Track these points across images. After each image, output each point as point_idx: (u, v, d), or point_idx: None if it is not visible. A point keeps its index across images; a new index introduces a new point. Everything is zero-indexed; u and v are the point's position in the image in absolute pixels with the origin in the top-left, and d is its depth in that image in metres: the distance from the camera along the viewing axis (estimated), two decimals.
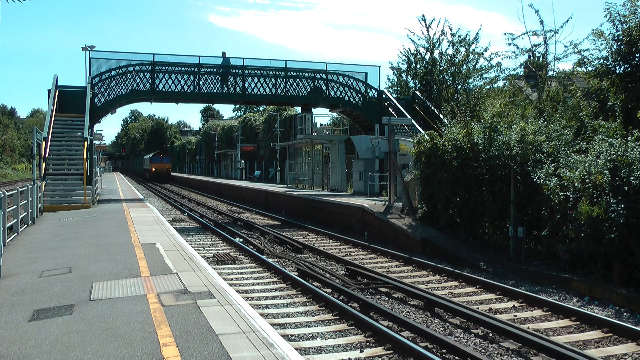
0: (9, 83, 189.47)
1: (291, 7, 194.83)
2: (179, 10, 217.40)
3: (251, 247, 14.98)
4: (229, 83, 26.75)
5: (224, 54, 26.70)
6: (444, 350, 6.98)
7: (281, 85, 27.42)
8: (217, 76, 26.59)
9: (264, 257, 13.20)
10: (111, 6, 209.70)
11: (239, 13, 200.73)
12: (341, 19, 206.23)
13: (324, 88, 27.90)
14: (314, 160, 30.53)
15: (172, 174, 72.58)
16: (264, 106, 53.98)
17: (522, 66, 21.44)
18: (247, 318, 6.20)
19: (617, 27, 13.51)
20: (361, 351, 6.99)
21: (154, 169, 67.54)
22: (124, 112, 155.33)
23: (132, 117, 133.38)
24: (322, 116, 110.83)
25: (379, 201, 19.41)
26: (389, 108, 27.36)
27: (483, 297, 9.99)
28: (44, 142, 20.45)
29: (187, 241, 12.34)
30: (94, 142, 27.40)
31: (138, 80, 25.68)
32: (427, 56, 27.47)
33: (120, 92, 25.45)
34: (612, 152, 10.37)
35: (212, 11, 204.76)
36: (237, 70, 26.88)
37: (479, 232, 14.20)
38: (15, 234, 13.15)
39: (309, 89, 27.83)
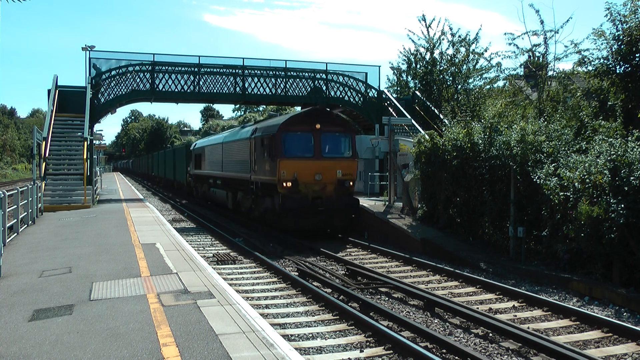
0: (9, 83, 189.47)
1: (286, 6, 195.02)
2: (174, 10, 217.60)
3: (251, 247, 14.97)
4: (229, 84, 26.76)
5: (94, 65, 25.15)
6: (444, 350, 6.98)
7: (281, 85, 27.45)
8: (217, 76, 26.61)
9: (264, 257, 13.19)
10: (108, 6, 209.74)
11: (234, 12, 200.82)
12: (337, 18, 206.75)
13: (324, 88, 27.93)
14: None
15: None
16: (264, 106, 53.96)
17: (522, 66, 21.44)
18: (247, 318, 6.20)
19: (617, 26, 13.51)
20: (361, 351, 6.99)
21: (286, 184, 15.74)
22: (124, 112, 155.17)
23: (132, 117, 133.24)
24: None
25: (379, 201, 19.40)
26: (389, 108, 27.38)
27: (483, 297, 9.99)
28: (44, 142, 20.47)
29: (187, 241, 12.35)
30: (94, 142, 27.41)
31: (138, 80, 25.71)
32: (427, 56, 27.49)
33: (120, 92, 25.48)
34: (612, 152, 10.37)
35: (206, 10, 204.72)
36: (237, 70, 26.90)
37: (479, 232, 14.20)
38: (15, 233, 13.16)
39: (309, 89, 27.87)
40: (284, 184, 15.70)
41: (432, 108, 25.10)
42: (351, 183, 16.43)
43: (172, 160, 39.68)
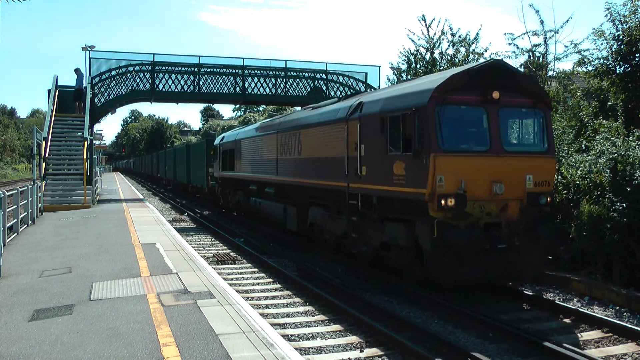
0: (9, 83, 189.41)
1: (285, 6, 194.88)
2: (172, 9, 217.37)
3: (251, 247, 14.96)
4: (229, 84, 26.76)
5: (77, 70, 24.13)
6: (444, 350, 6.97)
7: (281, 85, 27.46)
8: (217, 76, 26.62)
9: (264, 257, 13.18)
10: (107, 5, 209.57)
11: (232, 12, 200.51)
12: (335, 18, 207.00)
13: (324, 88, 27.94)
14: None
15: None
16: (264, 106, 53.99)
17: (522, 66, 21.42)
18: (247, 318, 6.20)
19: (617, 27, 13.50)
20: (361, 351, 6.98)
21: (447, 202, 8.35)
22: (124, 112, 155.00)
23: (132, 117, 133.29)
24: None
25: None
26: None
27: (483, 297, 9.96)
28: (44, 142, 20.46)
29: (187, 241, 12.35)
30: (94, 142, 27.41)
31: (138, 80, 25.72)
32: (427, 56, 27.46)
33: (120, 92, 25.49)
34: (614, 152, 10.38)
35: (204, 10, 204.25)
36: (237, 70, 26.92)
37: None
38: (16, 233, 13.16)
39: (309, 89, 27.90)
40: (443, 201, 8.30)
41: None
42: (548, 199, 9.12)
43: (186, 159, 32.81)
